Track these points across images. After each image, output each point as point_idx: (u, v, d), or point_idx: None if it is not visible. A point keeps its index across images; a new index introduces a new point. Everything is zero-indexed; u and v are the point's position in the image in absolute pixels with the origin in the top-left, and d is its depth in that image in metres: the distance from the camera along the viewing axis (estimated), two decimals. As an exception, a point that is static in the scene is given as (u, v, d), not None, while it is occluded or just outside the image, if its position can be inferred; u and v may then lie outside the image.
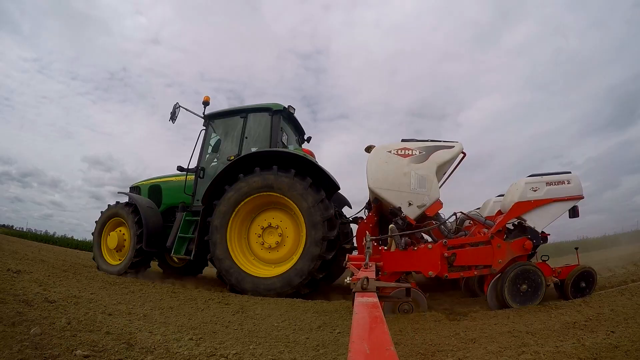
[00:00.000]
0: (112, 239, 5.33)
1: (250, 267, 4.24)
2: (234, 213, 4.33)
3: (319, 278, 4.02)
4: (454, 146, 3.45)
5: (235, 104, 5.56)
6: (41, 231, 20.13)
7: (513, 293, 2.89)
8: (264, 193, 4.27)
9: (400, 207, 3.29)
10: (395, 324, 2.52)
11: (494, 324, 2.42)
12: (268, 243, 4.32)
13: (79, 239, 16.55)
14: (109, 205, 5.61)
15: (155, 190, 5.84)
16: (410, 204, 3.31)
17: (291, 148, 5.32)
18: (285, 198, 4.19)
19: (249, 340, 2.14)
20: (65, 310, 2.21)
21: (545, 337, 2.08)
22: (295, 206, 4.13)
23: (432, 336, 2.21)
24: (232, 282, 4.15)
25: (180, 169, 5.32)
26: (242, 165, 4.44)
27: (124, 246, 5.32)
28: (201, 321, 2.56)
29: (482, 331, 2.27)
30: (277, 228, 4.31)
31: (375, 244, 3.20)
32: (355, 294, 1.33)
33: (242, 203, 4.32)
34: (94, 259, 5.57)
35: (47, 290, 2.72)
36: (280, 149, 4.56)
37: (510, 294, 2.89)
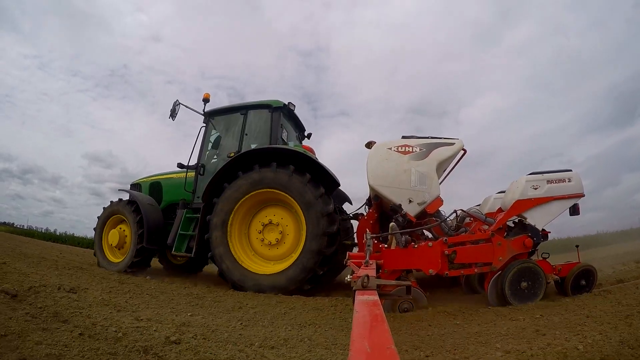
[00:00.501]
0: (113, 236, 5.34)
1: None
2: (240, 202, 4.32)
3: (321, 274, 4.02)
4: (454, 143, 3.44)
5: (236, 101, 5.56)
6: (42, 228, 20.19)
7: (513, 290, 2.89)
8: (270, 189, 4.25)
9: (400, 204, 3.28)
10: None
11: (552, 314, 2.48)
12: (268, 240, 4.31)
13: (81, 236, 16.58)
14: (111, 202, 5.62)
15: (155, 187, 5.84)
16: (410, 201, 3.30)
17: (291, 145, 5.31)
18: (289, 197, 4.16)
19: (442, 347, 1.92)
20: (215, 354, 1.65)
21: (616, 316, 2.20)
22: (299, 208, 4.10)
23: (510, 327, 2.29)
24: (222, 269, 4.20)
25: (180, 166, 5.31)
26: (242, 163, 4.43)
27: (125, 243, 5.33)
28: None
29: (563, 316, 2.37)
30: (279, 228, 4.29)
31: (376, 241, 3.19)
32: (356, 292, 1.33)
33: (250, 195, 4.30)
34: (95, 255, 5.59)
35: (139, 319, 2.08)
36: (280, 146, 4.54)
37: (510, 291, 2.89)
